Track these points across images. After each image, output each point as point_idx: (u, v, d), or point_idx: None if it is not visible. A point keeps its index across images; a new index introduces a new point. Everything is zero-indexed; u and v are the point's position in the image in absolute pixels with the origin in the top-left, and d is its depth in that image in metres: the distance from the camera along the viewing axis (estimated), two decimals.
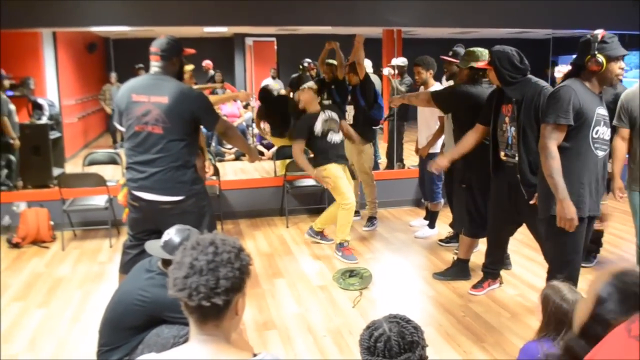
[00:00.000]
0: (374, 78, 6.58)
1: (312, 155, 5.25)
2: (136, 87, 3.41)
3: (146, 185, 3.38)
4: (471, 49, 4.39)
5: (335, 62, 6.30)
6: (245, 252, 1.53)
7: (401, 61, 7.56)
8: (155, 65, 3.40)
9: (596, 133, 3.14)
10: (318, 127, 5.05)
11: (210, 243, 1.48)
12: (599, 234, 4.70)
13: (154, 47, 3.41)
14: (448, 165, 4.26)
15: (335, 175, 5.03)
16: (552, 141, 3.12)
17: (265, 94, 7.43)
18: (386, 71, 7.58)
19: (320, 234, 5.47)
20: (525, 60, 3.66)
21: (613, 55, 3.07)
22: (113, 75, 10.62)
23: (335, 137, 5.12)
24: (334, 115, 5.17)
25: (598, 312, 1.34)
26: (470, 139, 4.05)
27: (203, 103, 3.45)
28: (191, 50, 3.61)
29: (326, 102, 5.97)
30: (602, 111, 3.17)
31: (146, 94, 3.32)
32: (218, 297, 1.42)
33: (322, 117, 5.09)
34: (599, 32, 3.07)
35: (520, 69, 3.64)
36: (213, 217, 3.68)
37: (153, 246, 2.69)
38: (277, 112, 7.06)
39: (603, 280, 1.38)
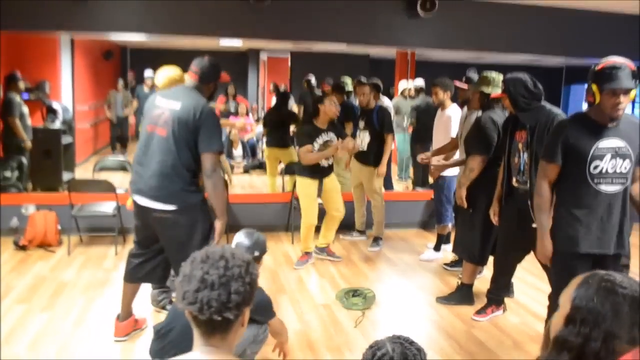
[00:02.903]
0: (386, 100, 6.62)
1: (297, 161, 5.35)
2: (163, 94, 3.48)
3: (141, 189, 3.40)
4: (485, 73, 4.41)
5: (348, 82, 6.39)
6: (254, 265, 1.54)
7: (419, 82, 7.61)
8: (190, 82, 3.46)
9: (595, 168, 2.99)
10: (316, 146, 5.08)
11: (221, 257, 1.48)
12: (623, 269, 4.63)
13: (194, 66, 3.45)
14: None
15: (305, 192, 5.18)
16: (543, 178, 3.14)
17: (284, 98, 7.54)
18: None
19: (326, 251, 5.48)
20: (539, 85, 3.68)
21: (607, 88, 2.86)
22: (120, 82, 10.64)
23: (323, 162, 5.13)
24: (334, 139, 5.16)
25: (575, 309, 1.39)
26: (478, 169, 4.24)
27: (209, 121, 3.33)
28: (227, 77, 3.64)
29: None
30: (606, 144, 2.99)
31: (167, 99, 3.38)
32: (229, 311, 1.43)
33: (322, 138, 5.10)
34: (602, 62, 2.93)
35: (534, 94, 3.65)
36: (208, 232, 3.49)
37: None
38: (281, 120, 7.16)
39: (575, 284, 1.43)
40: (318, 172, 5.13)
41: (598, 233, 3.06)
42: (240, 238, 2.92)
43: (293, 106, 9.15)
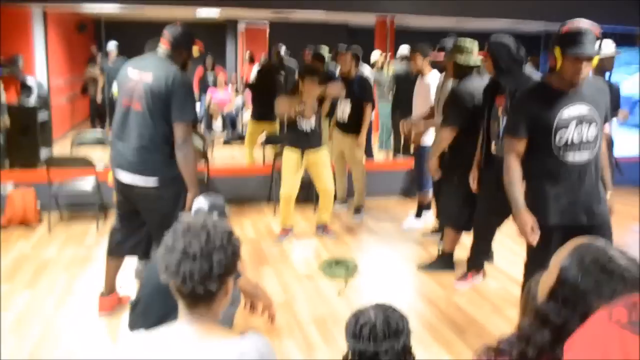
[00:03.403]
0: (366, 68, 6.59)
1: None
2: (134, 63, 3.43)
3: (121, 164, 3.39)
4: (459, 41, 4.34)
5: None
6: (235, 235, 1.54)
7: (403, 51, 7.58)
8: (162, 49, 3.41)
9: (560, 139, 2.89)
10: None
11: (202, 227, 1.48)
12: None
13: (166, 32, 3.42)
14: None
15: (284, 163, 5.15)
16: (509, 153, 3.04)
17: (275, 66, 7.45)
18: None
19: (323, 228, 5.40)
20: (522, 50, 3.68)
21: (570, 53, 2.74)
22: (99, 56, 10.37)
23: (304, 125, 5.02)
24: (314, 104, 5.05)
25: (561, 282, 1.31)
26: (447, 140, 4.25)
27: (181, 90, 3.29)
28: (200, 44, 3.60)
29: None
30: (570, 112, 2.88)
31: (139, 70, 3.34)
32: (212, 282, 1.44)
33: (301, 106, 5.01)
34: (567, 24, 2.80)
35: (516, 59, 3.66)
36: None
37: (187, 216, 2.77)
38: (267, 90, 7.10)
39: (565, 252, 1.36)
40: (299, 140, 5.05)
41: (567, 205, 2.97)
42: (200, 203, 2.91)
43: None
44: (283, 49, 9.37)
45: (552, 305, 1.31)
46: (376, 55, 8.17)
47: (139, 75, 3.32)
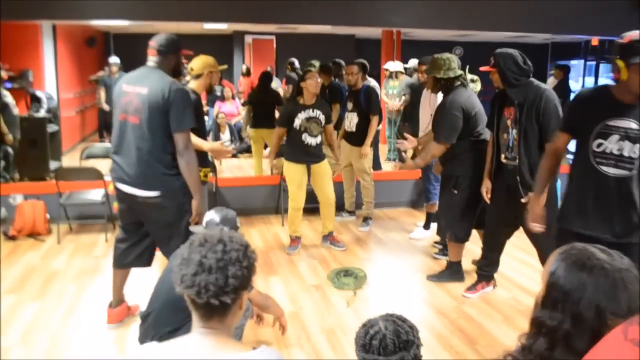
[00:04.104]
0: (372, 81, 6.60)
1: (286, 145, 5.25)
2: (128, 78, 3.44)
3: (121, 177, 3.39)
4: (436, 56, 4.36)
5: (316, 65, 6.42)
6: (252, 249, 1.54)
7: (410, 63, 7.59)
8: (151, 59, 3.42)
9: (598, 146, 2.79)
10: (297, 122, 4.97)
11: (219, 240, 1.48)
12: None
13: (152, 42, 3.43)
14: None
15: (290, 177, 5.14)
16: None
17: (263, 78, 7.52)
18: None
19: (329, 239, 5.36)
20: (529, 61, 3.69)
21: (635, 62, 2.61)
22: (107, 69, 10.44)
23: (309, 139, 5.01)
24: (320, 117, 5.03)
25: (549, 288, 1.37)
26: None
27: (178, 99, 3.26)
28: (188, 52, 3.66)
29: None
30: (617, 123, 2.75)
31: (133, 84, 3.34)
32: (227, 295, 1.44)
33: (305, 113, 4.97)
34: (627, 35, 2.67)
35: (523, 70, 3.66)
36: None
37: (198, 229, 2.76)
38: (265, 101, 7.21)
39: (551, 259, 1.41)
40: (304, 154, 5.05)
41: (594, 215, 2.87)
42: (211, 215, 2.92)
43: (278, 88, 9.13)
44: (296, 62, 9.45)
45: (544, 311, 1.36)
46: (395, 65, 8.18)
47: (134, 89, 3.31)
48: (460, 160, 4.26)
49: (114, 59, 9.49)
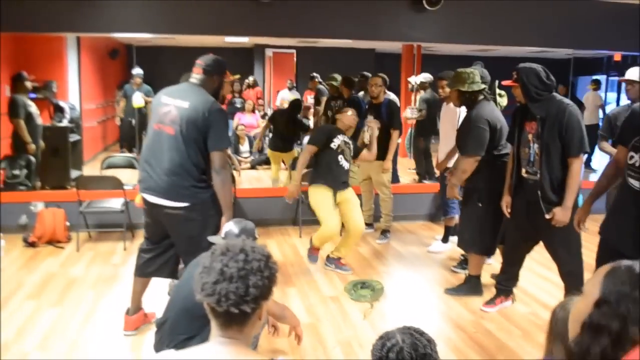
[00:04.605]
0: (392, 96, 6.60)
1: (312, 168, 4.99)
2: (169, 92, 3.49)
3: (151, 187, 3.41)
4: (460, 70, 4.35)
5: (337, 79, 6.43)
6: (273, 259, 1.53)
7: (424, 77, 7.58)
8: (195, 76, 3.47)
9: (630, 158, 2.89)
10: (336, 142, 4.84)
11: (241, 250, 1.48)
12: None
13: (199, 60, 3.49)
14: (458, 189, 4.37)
15: (319, 201, 4.83)
16: (613, 158, 3.22)
17: (295, 107, 7.62)
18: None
19: (335, 263, 5.10)
20: (551, 76, 3.66)
21: None
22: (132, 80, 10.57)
23: (344, 163, 4.88)
24: (351, 146, 4.99)
25: (603, 299, 1.34)
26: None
27: (218, 119, 3.35)
28: (233, 77, 3.75)
29: None
30: None
31: (173, 97, 3.39)
32: (247, 304, 1.43)
33: (343, 137, 4.90)
34: None
35: (546, 85, 3.63)
36: (219, 227, 3.43)
37: (217, 239, 2.80)
38: (289, 129, 7.34)
39: (602, 274, 1.39)
40: (336, 177, 4.84)
41: (620, 229, 2.95)
42: (230, 227, 2.93)
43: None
44: (319, 77, 9.50)
45: (604, 310, 1.34)
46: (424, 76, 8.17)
47: (174, 102, 3.36)
48: (483, 173, 4.23)
49: (137, 71, 9.62)
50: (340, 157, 4.86)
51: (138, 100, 8.75)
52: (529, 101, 3.68)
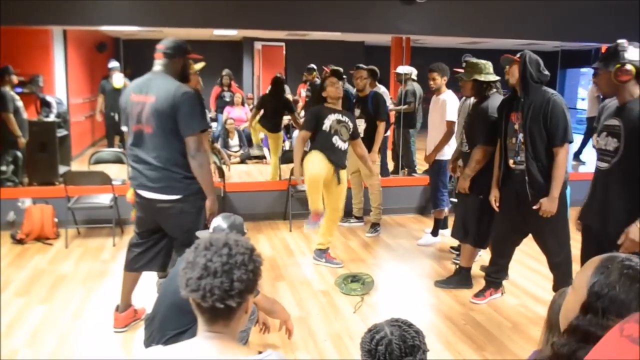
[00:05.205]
0: (382, 88, 6.59)
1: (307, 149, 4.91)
2: (135, 87, 3.44)
3: (143, 183, 3.39)
4: (474, 60, 4.38)
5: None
6: (257, 252, 1.52)
7: (407, 69, 7.56)
8: (158, 63, 3.43)
9: (596, 143, 3.14)
10: (327, 123, 4.75)
11: (224, 244, 1.47)
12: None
13: (159, 45, 3.44)
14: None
15: (311, 174, 4.75)
16: None
17: (278, 83, 7.54)
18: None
19: (325, 256, 5.06)
20: (546, 71, 3.70)
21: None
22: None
23: (340, 143, 4.80)
24: (349, 123, 4.87)
25: (590, 303, 1.28)
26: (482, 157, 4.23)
27: (185, 104, 3.25)
28: (197, 56, 3.66)
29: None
30: (607, 121, 3.09)
31: (142, 93, 3.34)
32: (232, 299, 1.42)
33: (335, 116, 4.79)
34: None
35: (542, 74, 3.69)
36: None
37: (204, 234, 2.77)
38: (274, 104, 7.32)
39: (592, 268, 1.32)
40: (333, 161, 4.78)
41: (594, 207, 3.19)
42: (218, 222, 2.92)
43: (288, 95, 9.12)
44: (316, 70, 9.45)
45: (590, 318, 1.28)
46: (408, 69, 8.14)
47: (144, 98, 3.32)
48: (485, 166, 4.22)
49: (114, 64, 9.31)
50: (335, 138, 4.77)
51: (118, 80, 8.66)
52: (521, 85, 3.69)
